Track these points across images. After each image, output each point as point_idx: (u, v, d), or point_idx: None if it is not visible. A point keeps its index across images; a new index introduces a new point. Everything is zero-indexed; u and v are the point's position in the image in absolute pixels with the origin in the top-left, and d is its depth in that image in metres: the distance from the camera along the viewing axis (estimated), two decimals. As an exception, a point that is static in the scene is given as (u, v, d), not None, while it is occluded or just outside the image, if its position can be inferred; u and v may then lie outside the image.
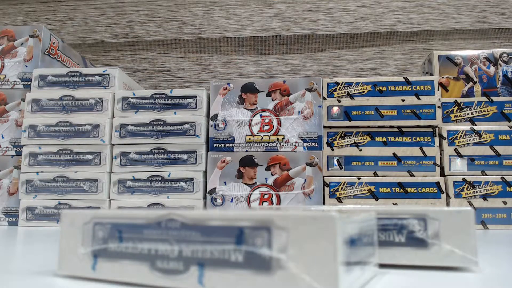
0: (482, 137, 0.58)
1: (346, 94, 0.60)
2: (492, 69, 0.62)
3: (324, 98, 0.60)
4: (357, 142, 0.60)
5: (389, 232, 0.23)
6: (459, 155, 0.58)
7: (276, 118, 0.60)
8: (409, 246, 0.23)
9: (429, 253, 0.23)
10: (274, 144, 0.60)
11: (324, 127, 0.60)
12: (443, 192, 0.57)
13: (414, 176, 0.58)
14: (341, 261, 0.15)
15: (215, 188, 0.59)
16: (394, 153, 0.59)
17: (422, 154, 0.58)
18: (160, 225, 0.18)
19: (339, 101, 0.60)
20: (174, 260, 0.18)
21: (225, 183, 0.59)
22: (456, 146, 0.59)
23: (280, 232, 0.16)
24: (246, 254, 0.16)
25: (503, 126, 0.59)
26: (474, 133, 0.58)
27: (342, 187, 0.58)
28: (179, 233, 0.18)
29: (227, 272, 0.17)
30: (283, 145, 0.59)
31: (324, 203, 0.58)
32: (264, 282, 0.16)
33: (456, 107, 0.61)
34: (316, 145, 0.59)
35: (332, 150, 0.60)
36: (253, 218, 0.16)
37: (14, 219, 0.62)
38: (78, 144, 0.61)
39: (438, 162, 0.58)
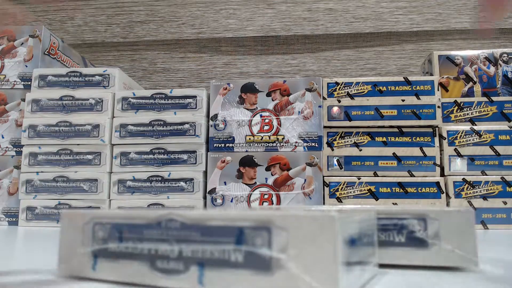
0: (482, 137, 0.58)
1: (346, 94, 0.60)
2: (492, 69, 0.62)
3: (324, 98, 0.60)
4: (357, 142, 0.60)
5: (389, 232, 0.23)
6: (459, 155, 0.58)
7: (276, 118, 0.60)
8: (409, 246, 0.23)
9: (429, 253, 0.23)
10: (274, 144, 0.60)
11: (324, 127, 0.60)
12: (443, 192, 0.57)
13: (414, 176, 0.58)
14: (341, 261, 0.15)
15: (215, 188, 0.59)
16: (394, 153, 0.59)
17: (422, 154, 0.58)
18: (160, 225, 0.18)
19: (339, 101, 0.60)
20: (174, 260, 0.18)
21: (225, 183, 0.59)
22: (456, 146, 0.59)
23: (280, 232, 0.16)
24: (246, 254, 0.16)
25: (503, 126, 0.59)
26: (474, 133, 0.58)
27: (342, 187, 0.58)
28: (179, 233, 0.18)
29: (227, 272, 0.17)
30: (283, 145, 0.59)
31: (324, 203, 0.58)
32: (264, 282, 0.16)
33: (456, 107, 0.61)
34: (316, 145, 0.59)
35: (332, 150, 0.60)
36: (253, 218, 0.16)
37: (14, 219, 0.62)
38: (78, 144, 0.61)
39: (438, 162, 0.58)
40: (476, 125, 0.60)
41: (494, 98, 0.60)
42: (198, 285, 0.17)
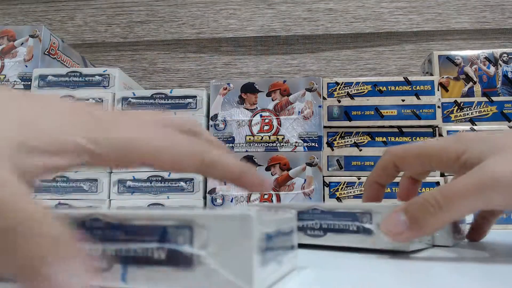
0: (482, 137, 0.58)
1: (346, 94, 0.60)
2: (492, 69, 0.62)
3: (324, 98, 0.60)
4: (357, 142, 0.60)
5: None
6: (459, 155, 0.58)
7: (276, 118, 0.60)
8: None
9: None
10: (274, 144, 0.60)
11: (324, 127, 0.60)
12: (443, 192, 0.57)
13: (414, 176, 0.58)
14: (256, 257, 0.16)
15: (215, 188, 0.59)
16: (394, 153, 0.59)
17: (422, 154, 0.58)
18: (84, 225, 0.18)
19: (339, 101, 0.60)
20: (98, 258, 0.18)
21: (225, 183, 0.59)
22: (456, 146, 0.58)
23: (201, 230, 0.17)
24: (168, 251, 0.17)
25: (503, 126, 0.59)
26: (474, 133, 0.58)
27: (342, 187, 0.58)
28: (103, 232, 0.18)
29: (150, 269, 0.17)
30: (283, 145, 0.59)
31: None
32: (186, 277, 0.17)
33: (456, 107, 0.61)
34: (316, 145, 0.59)
35: (332, 150, 0.60)
36: (176, 217, 0.17)
37: (14, 219, 0.62)
38: (78, 144, 0.61)
39: (438, 162, 0.58)
40: (476, 125, 0.60)
41: (494, 98, 0.60)
42: (121, 282, 0.18)
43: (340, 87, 0.61)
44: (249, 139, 0.60)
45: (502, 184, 0.24)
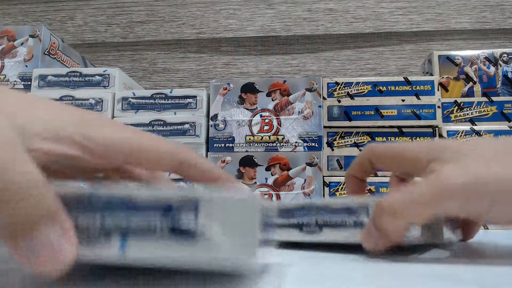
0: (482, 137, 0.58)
1: (346, 94, 0.60)
2: (492, 69, 0.62)
3: (324, 98, 0.60)
4: (357, 142, 0.60)
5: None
6: (459, 155, 0.58)
7: (276, 118, 0.60)
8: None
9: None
10: (274, 144, 0.60)
11: (324, 127, 0.60)
12: (443, 192, 0.57)
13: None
14: (259, 234, 0.17)
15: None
16: (394, 153, 0.59)
17: (422, 154, 0.58)
18: (83, 200, 0.18)
19: (339, 101, 0.60)
20: (96, 232, 0.18)
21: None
22: (456, 146, 0.58)
23: (207, 205, 0.17)
24: (172, 224, 0.17)
25: (503, 126, 0.59)
26: (474, 133, 0.58)
27: (342, 187, 0.58)
28: (103, 206, 0.18)
29: (152, 242, 0.17)
30: (283, 145, 0.59)
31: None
32: (188, 250, 0.17)
33: (456, 107, 0.61)
34: (316, 145, 0.59)
35: (332, 150, 0.60)
36: (181, 194, 0.17)
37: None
38: (78, 144, 0.61)
39: (438, 162, 0.58)
40: (476, 125, 0.60)
41: (494, 98, 0.60)
42: (119, 254, 0.17)
43: (340, 87, 0.61)
44: (249, 139, 0.60)
45: (453, 192, 0.24)
